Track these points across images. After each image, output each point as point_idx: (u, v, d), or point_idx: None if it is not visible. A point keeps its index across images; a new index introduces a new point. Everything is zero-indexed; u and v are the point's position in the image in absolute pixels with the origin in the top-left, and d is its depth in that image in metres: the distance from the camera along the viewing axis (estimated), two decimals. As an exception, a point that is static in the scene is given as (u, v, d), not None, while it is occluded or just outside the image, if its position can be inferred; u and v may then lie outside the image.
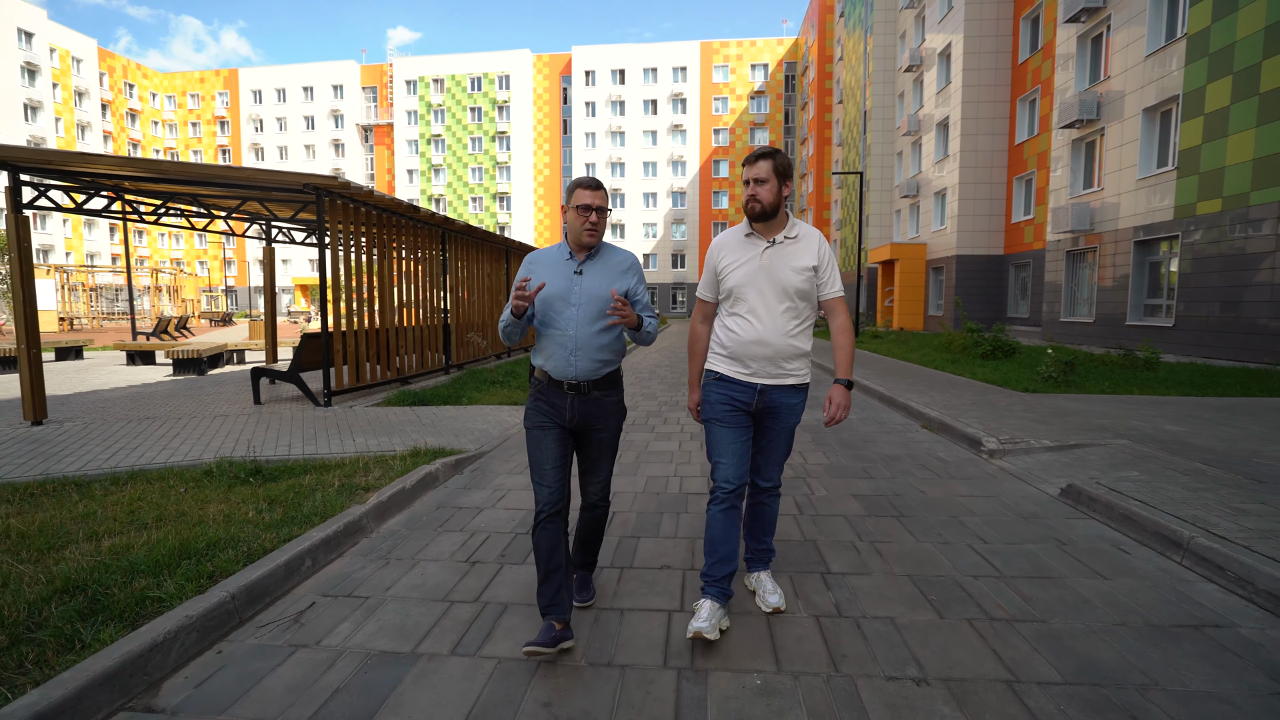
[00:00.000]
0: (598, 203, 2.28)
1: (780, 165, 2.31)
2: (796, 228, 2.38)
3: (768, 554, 2.70)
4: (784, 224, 2.38)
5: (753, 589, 2.67)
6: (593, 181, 2.30)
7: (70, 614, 2.32)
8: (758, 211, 2.32)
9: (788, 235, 2.36)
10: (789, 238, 2.36)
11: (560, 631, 2.18)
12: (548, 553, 2.21)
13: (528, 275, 2.32)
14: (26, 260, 5.50)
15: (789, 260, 2.33)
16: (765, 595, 2.58)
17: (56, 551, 2.93)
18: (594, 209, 2.27)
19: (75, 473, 4.37)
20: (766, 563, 2.71)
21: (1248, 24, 11.52)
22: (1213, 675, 2.07)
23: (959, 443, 5.52)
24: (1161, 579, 2.81)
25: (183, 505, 3.63)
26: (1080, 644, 2.27)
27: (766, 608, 2.53)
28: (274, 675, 2.15)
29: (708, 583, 2.38)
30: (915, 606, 2.58)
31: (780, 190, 2.32)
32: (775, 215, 2.34)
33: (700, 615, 2.29)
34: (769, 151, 2.32)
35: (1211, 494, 3.58)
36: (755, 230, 2.39)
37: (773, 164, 2.30)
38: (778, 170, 2.31)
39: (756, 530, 2.66)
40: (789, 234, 2.36)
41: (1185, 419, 5.91)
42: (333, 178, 6.52)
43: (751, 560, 2.72)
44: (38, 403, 5.75)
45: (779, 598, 2.56)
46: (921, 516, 3.67)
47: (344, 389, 7.39)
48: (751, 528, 2.66)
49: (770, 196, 2.30)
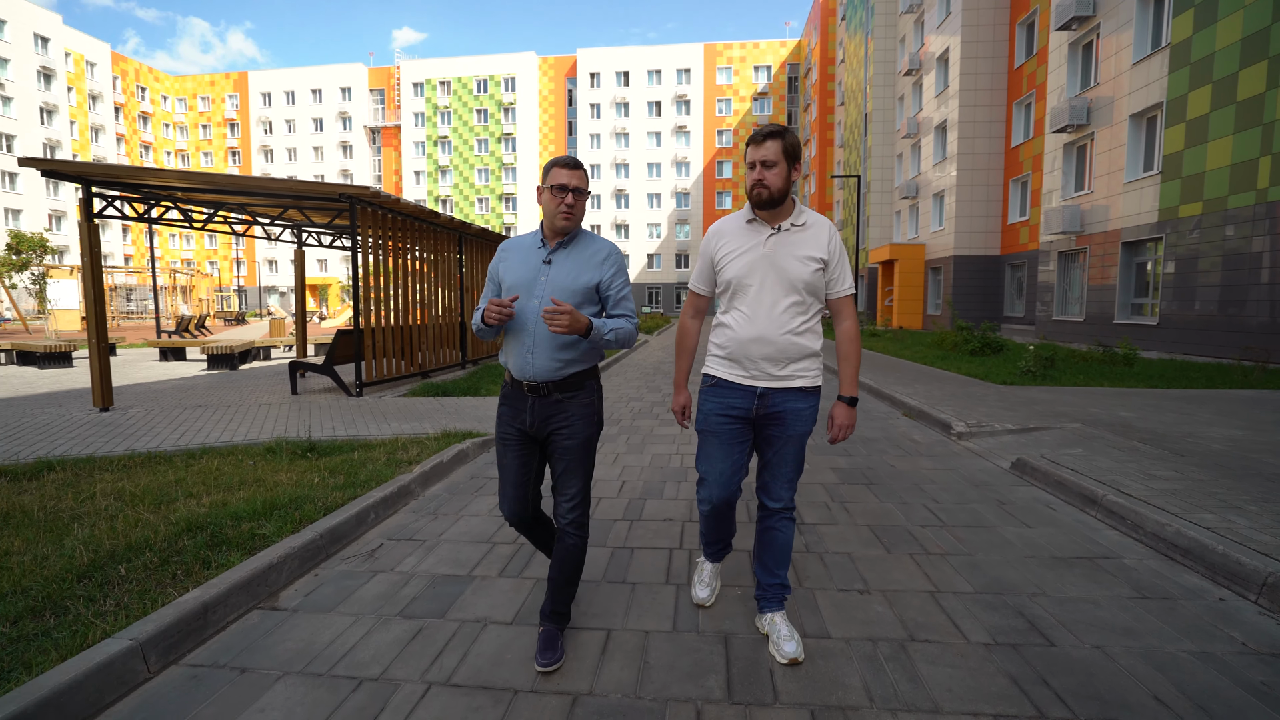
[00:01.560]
0: (575, 182, 2.07)
1: (789, 145, 2.03)
2: (804, 215, 2.12)
3: (781, 590, 2.30)
4: (791, 210, 2.11)
5: (765, 633, 2.28)
6: (571, 160, 2.09)
7: (200, 544, 2.95)
8: (765, 198, 2.05)
9: (795, 222, 2.10)
10: (796, 225, 2.10)
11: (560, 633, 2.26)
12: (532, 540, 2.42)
13: (498, 263, 2.21)
14: (97, 264, 6.16)
15: (796, 249, 2.08)
16: (780, 643, 2.17)
17: (168, 505, 3.57)
18: (570, 189, 2.06)
19: (155, 449, 5.01)
20: (781, 601, 2.30)
21: (1226, 35, 12.06)
22: (1089, 588, 2.68)
23: (932, 427, 6.13)
24: (1075, 527, 3.41)
25: (257, 473, 4.27)
26: (994, 569, 2.88)
27: (782, 658, 2.13)
28: (363, 589, 2.78)
29: (709, 549, 2.56)
30: (869, 546, 3.20)
31: (789, 174, 2.04)
32: (783, 202, 2.07)
33: (703, 577, 2.56)
34: (777, 130, 2.04)
35: (1135, 465, 4.18)
36: (759, 217, 2.13)
37: (782, 144, 2.02)
38: (787, 151, 2.03)
39: (768, 562, 2.28)
40: (796, 221, 2.11)
41: (1141, 407, 6.50)
42: (365, 187, 7.16)
43: (764, 599, 2.31)
44: (106, 391, 6.42)
45: (796, 646, 2.14)
46: (888, 484, 4.28)
47: (373, 381, 8.04)
48: (762, 558, 2.30)
49: (779, 181, 2.03)
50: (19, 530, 3.17)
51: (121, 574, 2.66)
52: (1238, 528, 2.99)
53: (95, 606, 2.39)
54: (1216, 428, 5.41)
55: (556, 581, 2.22)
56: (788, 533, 2.26)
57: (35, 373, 10.98)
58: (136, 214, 6.78)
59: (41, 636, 2.17)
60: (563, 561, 2.20)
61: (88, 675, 1.94)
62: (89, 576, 2.64)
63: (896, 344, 16.21)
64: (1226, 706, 1.89)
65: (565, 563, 2.20)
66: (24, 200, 47.52)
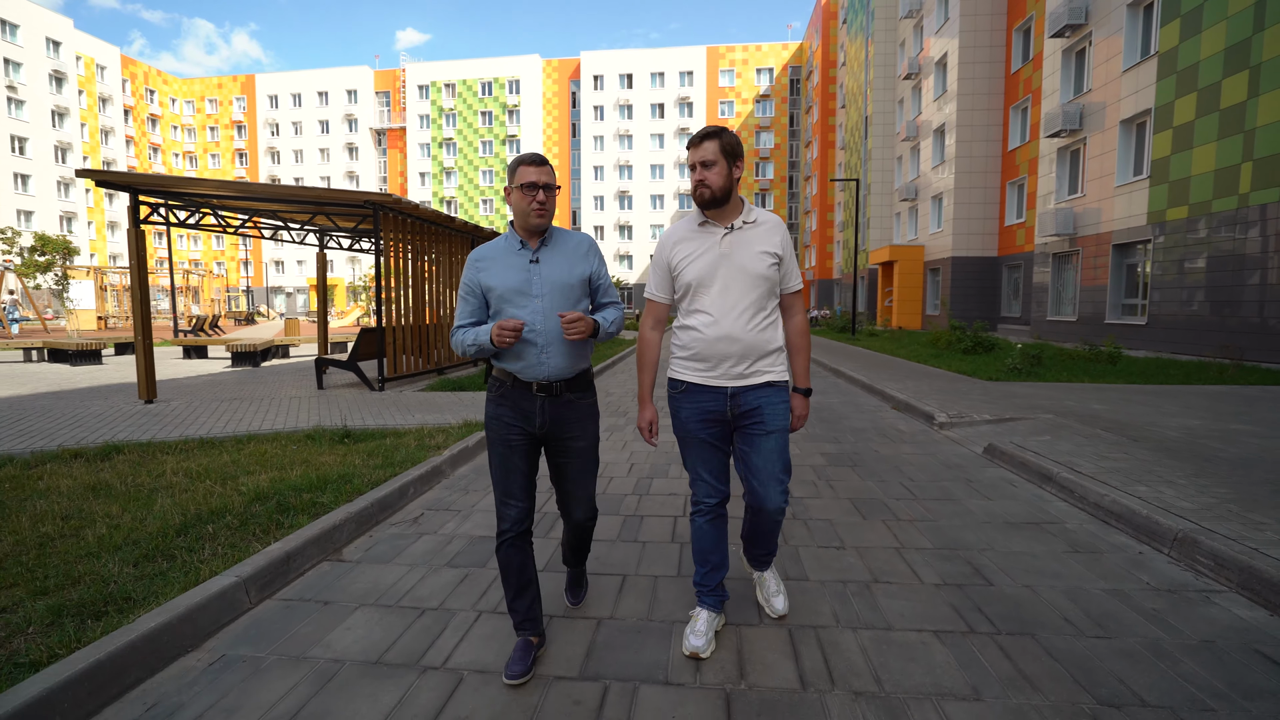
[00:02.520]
0: (544, 179, 2.06)
1: (727, 145, 2.07)
2: (754, 213, 2.16)
3: (769, 556, 2.48)
4: (739, 209, 2.15)
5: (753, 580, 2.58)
6: (536, 157, 2.08)
7: (270, 510, 3.44)
8: (708, 198, 2.08)
9: (746, 220, 2.14)
10: (748, 223, 2.14)
11: (537, 644, 2.17)
12: (518, 569, 2.12)
13: (477, 274, 2.12)
14: (143, 267, 6.66)
15: (752, 246, 2.11)
16: (770, 598, 2.46)
17: (233, 481, 4.06)
18: (540, 186, 2.05)
19: (205, 435, 5.51)
20: (769, 563, 2.50)
21: (1210, 45, 12.49)
22: (1031, 545, 3.15)
23: (917, 418, 6.59)
24: (1031, 500, 3.88)
25: (302, 456, 4.75)
26: (953, 532, 3.36)
27: (773, 613, 2.41)
28: (413, 546, 3.27)
29: (702, 592, 2.28)
30: (848, 514, 3.67)
31: (730, 172, 2.08)
32: (728, 201, 2.11)
33: (698, 629, 2.20)
34: (714, 130, 2.09)
35: (1092, 449, 4.65)
36: (709, 218, 2.15)
37: (719, 144, 2.06)
38: (725, 150, 2.06)
39: (759, 540, 2.40)
40: (747, 219, 2.14)
41: (1114, 401, 6.95)
42: (387, 194, 7.66)
43: (752, 560, 2.52)
44: (150, 385, 6.92)
45: (783, 601, 2.44)
46: (871, 467, 4.75)
47: (393, 377, 8.54)
48: (753, 538, 2.42)
49: (720, 180, 2.06)
50: (110, 500, 3.67)
51: (210, 531, 3.14)
52: (1165, 497, 3.46)
53: (196, 555, 2.87)
54: (1177, 418, 5.87)
55: (576, 549, 2.45)
56: (777, 525, 2.33)
57: (68, 369, 11.50)
58: (178, 220, 7.29)
59: (160, 576, 2.66)
60: (580, 536, 2.39)
61: (208, 600, 2.43)
62: (184, 533, 3.13)
63: (893, 343, 16.66)
64: (1118, 623, 2.36)
65: (580, 535, 2.38)
66: (35, 202, 48.23)
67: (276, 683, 2.08)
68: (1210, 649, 2.19)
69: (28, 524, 3.25)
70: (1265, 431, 5.27)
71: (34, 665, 1.98)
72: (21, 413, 6.56)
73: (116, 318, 28.62)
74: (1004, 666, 2.10)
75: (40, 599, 2.43)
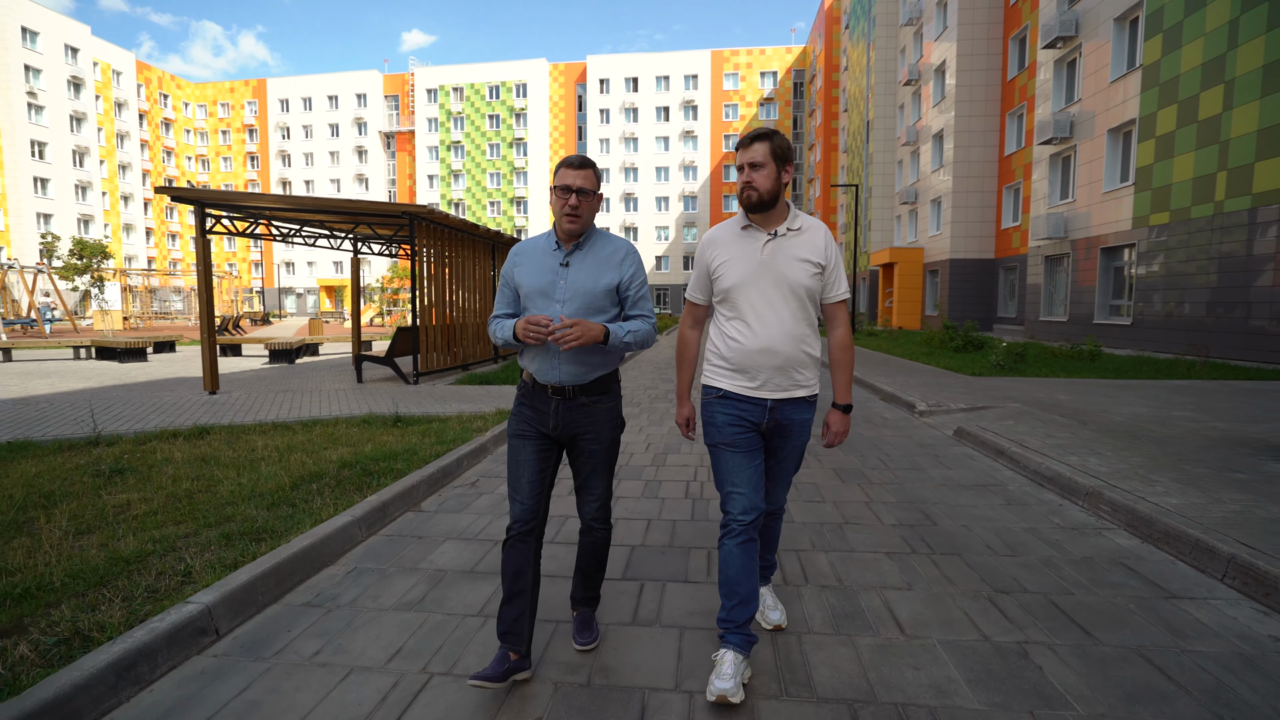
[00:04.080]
0: (579, 182, 2.03)
1: (778, 148, 2.03)
2: (800, 219, 2.11)
3: (768, 570, 2.48)
4: (785, 214, 2.10)
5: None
6: (578, 159, 2.05)
7: (357, 474, 4.23)
8: (754, 201, 2.04)
9: (790, 227, 2.09)
10: (792, 229, 2.09)
11: (515, 662, 2.01)
12: (514, 574, 2.06)
13: (512, 268, 2.16)
14: (208, 273, 7.47)
15: (794, 254, 2.06)
16: (766, 611, 2.40)
17: (318, 453, 4.85)
18: (574, 190, 2.02)
19: (274, 420, 6.31)
20: (767, 577, 2.50)
21: (1189, 59, 13.20)
22: (974, 500, 3.92)
23: (901, 407, 7.35)
24: (984, 469, 4.64)
25: (366, 435, 5.54)
26: (914, 491, 4.12)
27: (767, 624, 2.36)
28: (476, 502, 4.05)
29: (728, 630, 2.05)
30: (830, 479, 4.44)
31: (779, 176, 2.04)
32: (774, 205, 2.06)
33: (724, 672, 1.94)
34: (765, 133, 2.04)
35: (1044, 430, 5.40)
36: (753, 222, 2.10)
37: (769, 146, 2.02)
38: (775, 153, 2.03)
39: (761, 545, 2.34)
40: (792, 225, 2.09)
41: (1081, 393, 7.69)
42: (423, 206, 8.46)
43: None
44: (214, 378, 7.75)
45: (780, 614, 2.39)
46: (855, 445, 5.51)
47: (424, 372, 9.34)
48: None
49: (768, 183, 2.02)
50: (222, 467, 4.46)
51: (315, 489, 3.93)
52: (1090, 464, 4.22)
53: (312, 503, 3.66)
54: (1129, 407, 6.61)
55: (586, 570, 2.29)
56: (778, 526, 2.38)
57: (118, 366, 12.36)
58: (238, 230, 8.11)
59: (290, 517, 3.43)
60: (591, 551, 2.27)
61: (335, 532, 3.21)
62: (296, 489, 3.91)
63: (890, 342, 17.40)
64: (1025, 548, 3.13)
65: (594, 552, 2.28)
66: (54, 205, 49.36)
67: (401, 582, 2.86)
68: (1087, 563, 2.95)
69: (169, 482, 4.05)
70: (1199, 417, 6.01)
71: (234, 565, 2.77)
72: (108, 402, 7.39)
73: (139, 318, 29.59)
74: (933, 572, 2.87)
75: (210, 529, 3.22)
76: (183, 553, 2.90)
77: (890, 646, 2.26)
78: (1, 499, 3.68)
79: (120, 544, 3.00)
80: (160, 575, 2.67)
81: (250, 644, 2.34)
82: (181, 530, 3.22)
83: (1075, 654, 2.19)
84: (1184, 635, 2.30)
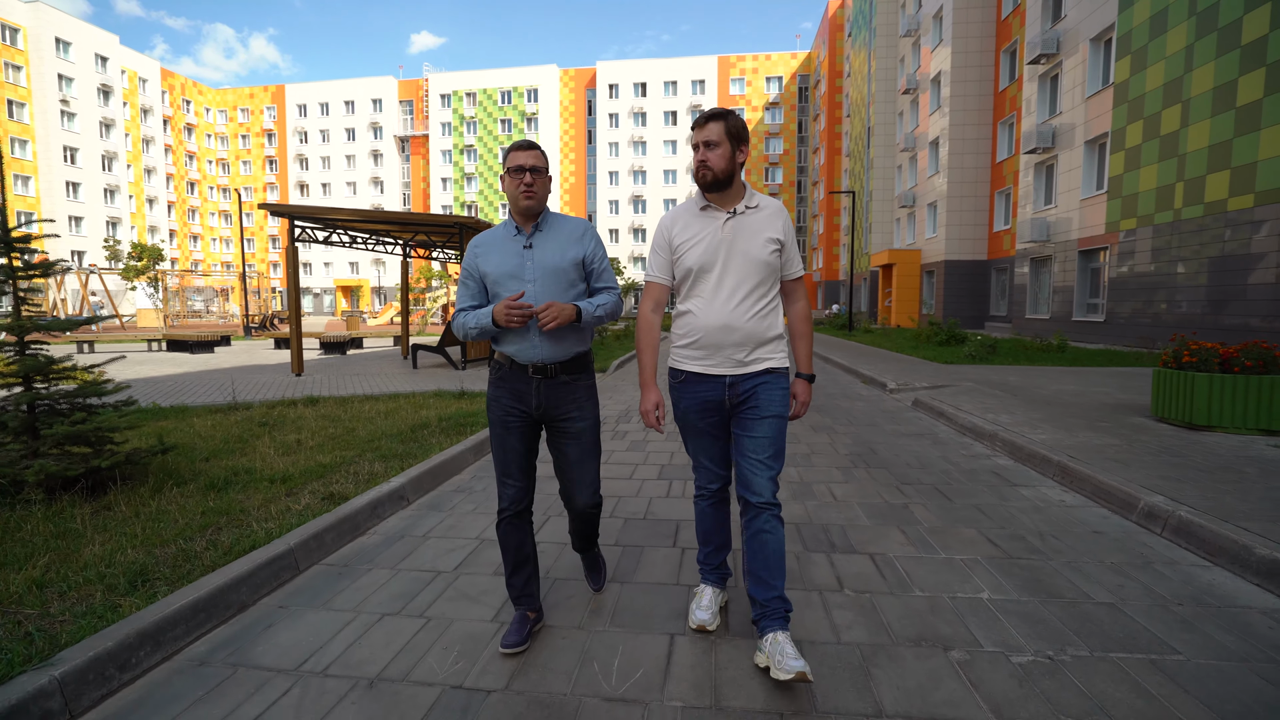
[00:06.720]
0: (531, 161, 2.10)
1: (733, 127, 2.06)
2: (757, 198, 2.15)
3: (782, 605, 2.04)
4: (742, 193, 2.13)
5: (764, 664, 2.00)
6: (525, 143, 2.14)
7: (453, 424, 5.68)
8: (709, 180, 2.07)
9: (749, 205, 2.12)
10: (750, 207, 2.12)
11: (533, 619, 2.24)
12: (516, 547, 2.21)
13: (475, 259, 2.18)
14: (296, 275, 8.96)
15: (754, 231, 2.09)
16: (786, 660, 1.88)
17: (414, 412, 6.30)
18: (527, 169, 2.09)
19: (354, 394, 7.77)
20: (785, 616, 2.04)
21: (1153, 79, 14.51)
22: (911, 444, 5.32)
23: (876, 387, 8.75)
24: (925, 425, 6.04)
25: (442, 404, 6.99)
26: (867, 437, 5.53)
27: (789, 674, 1.84)
28: (543, 444, 5.49)
29: (706, 570, 2.36)
30: (808, 432, 5.85)
31: (734, 155, 2.07)
32: (730, 184, 2.10)
33: (703, 604, 2.30)
34: (720, 112, 2.08)
35: (981, 400, 6.79)
36: (711, 202, 2.13)
37: (724, 125, 2.05)
38: (730, 132, 2.06)
39: (760, 572, 2.05)
40: (750, 203, 2.13)
41: (1029, 376, 9.05)
42: (470, 217, 9.94)
43: (763, 616, 2.04)
44: (300, 362, 9.25)
45: (802, 663, 1.86)
46: (831, 411, 6.92)
47: (470, 360, 10.81)
48: (753, 569, 2.07)
49: (722, 162, 2.05)
50: (344, 423, 5.91)
51: (425, 433, 5.38)
52: (1001, 420, 5.62)
53: (429, 441, 5.10)
54: (1061, 385, 7.98)
55: (579, 530, 2.41)
56: (779, 535, 2.06)
57: (189, 357, 13.91)
58: (319, 239, 9.60)
59: (419, 447, 4.87)
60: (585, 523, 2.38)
61: (458, 453, 4.66)
62: (415, 432, 5.36)
63: (883, 338, 18.76)
64: (932, 464, 4.55)
65: (587, 522, 2.38)
66: (84, 208, 51.30)
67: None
68: (971, 472, 4.37)
69: (317, 429, 5.51)
70: (1111, 392, 7.37)
71: (400, 470, 4.21)
72: (215, 382, 8.90)
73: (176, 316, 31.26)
74: (864, 476, 4.30)
75: (368, 454, 4.66)
76: (360, 464, 4.35)
77: (825, 505, 3.69)
78: (202, 439, 5.14)
79: (317, 459, 4.46)
80: (356, 473, 4.12)
81: (430, 505, 3.80)
82: (350, 454, 4.67)
83: (937, 507, 3.61)
84: (1007, 500, 3.72)
